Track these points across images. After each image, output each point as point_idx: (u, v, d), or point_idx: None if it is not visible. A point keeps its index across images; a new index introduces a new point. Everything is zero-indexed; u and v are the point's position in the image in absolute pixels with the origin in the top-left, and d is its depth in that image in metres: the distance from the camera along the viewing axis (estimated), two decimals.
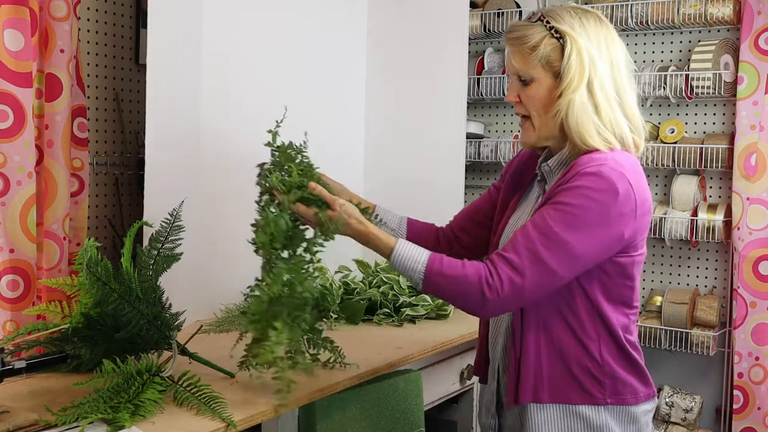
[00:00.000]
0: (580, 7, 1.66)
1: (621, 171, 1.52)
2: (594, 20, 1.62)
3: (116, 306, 1.68)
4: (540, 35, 1.60)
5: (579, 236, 1.50)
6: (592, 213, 1.50)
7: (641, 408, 1.64)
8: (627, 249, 1.57)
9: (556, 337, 1.60)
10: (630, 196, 1.52)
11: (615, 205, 1.50)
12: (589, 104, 1.57)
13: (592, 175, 1.51)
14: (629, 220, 1.53)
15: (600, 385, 1.60)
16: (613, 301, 1.60)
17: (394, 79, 3.04)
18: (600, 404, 1.60)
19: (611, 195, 1.50)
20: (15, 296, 2.18)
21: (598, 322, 1.59)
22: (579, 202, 1.50)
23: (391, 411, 1.97)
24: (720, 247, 3.32)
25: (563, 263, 1.51)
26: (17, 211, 2.17)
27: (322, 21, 2.80)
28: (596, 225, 1.50)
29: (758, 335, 3.08)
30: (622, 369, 1.61)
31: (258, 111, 2.54)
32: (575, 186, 1.52)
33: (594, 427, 1.60)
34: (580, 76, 1.56)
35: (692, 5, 3.18)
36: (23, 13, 2.15)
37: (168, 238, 1.86)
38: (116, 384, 1.57)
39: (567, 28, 1.58)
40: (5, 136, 2.14)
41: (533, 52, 1.59)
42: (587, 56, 1.57)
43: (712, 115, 3.32)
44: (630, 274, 1.61)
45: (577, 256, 1.51)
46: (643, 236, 1.61)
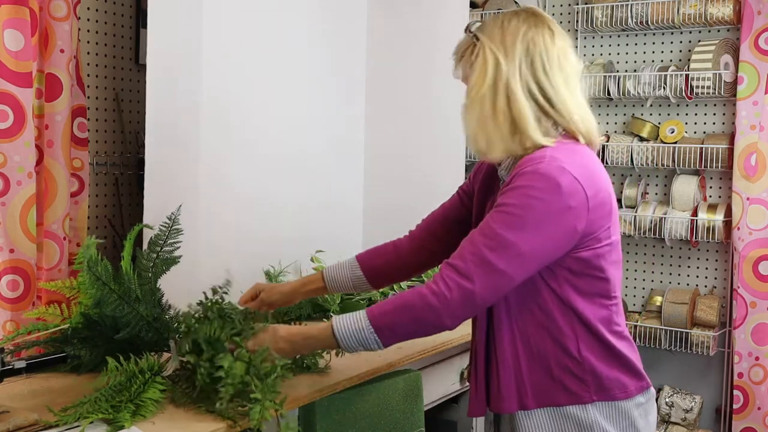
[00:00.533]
0: (514, 9, 1.65)
1: (561, 165, 1.49)
2: (518, 19, 1.59)
3: (116, 307, 1.68)
4: (465, 44, 1.64)
5: (523, 235, 1.48)
6: (534, 210, 1.48)
7: (633, 401, 1.60)
8: (588, 242, 1.53)
9: (533, 341, 1.58)
10: (576, 189, 1.48)
11: (559, 200, 1.47)
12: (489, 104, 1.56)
13: (531, 173, 1.49)
14: (580, 213, 1.49)
15: (583, 383, 1.57)
16: (587, 296, 1.56)
17: (394, 78, 3.04)
18: (586, 402, 1.57)
19: (553, 190, 1.47)
20: (15, 296, 2.19)
21: (573, 319, 1.56)
22: (519, 202, 1.49)
23: (391, 411, 1.97)
24: (720, 247, 3.32)
25: (511, 263, 1.49)
26: (17, 211, 2.17)
27: (322, 21, 2.80)
28: (541, 222, 1.48)
29: (758, 335, 3.08)
30: (605, 364, 1.58)
31: (258, 111, 2.55)
32: (515, 186, 1.50)
33: (584, 426, 1.57)
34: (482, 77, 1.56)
35: (692, 5, 3.18)
36: (23, 13, 2.15)
37: (167, 241, 1.86)
38: (118, 383, 1.57)
39: (485, 34, 1.59)
40: (5, 136, 2.14)
41: (461, 59, 1.65)
42: (491, 57, 1.56)
43: (712, 115, 3.32)
44: (599, 266, 1.56)
45: (525, 254, 1.48)
46: (605, 227, 1.55)
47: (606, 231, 1.55)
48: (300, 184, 2.70)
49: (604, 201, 1.54)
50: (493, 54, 1.56)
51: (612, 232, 1.57)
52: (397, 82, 3.04)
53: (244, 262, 2.48)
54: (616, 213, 1.59)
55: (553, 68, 1.57)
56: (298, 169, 2.69)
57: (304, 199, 2.72)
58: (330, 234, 2.81)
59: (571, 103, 1.58)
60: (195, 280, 2.29)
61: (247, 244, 2.50)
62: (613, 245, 1.58)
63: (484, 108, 1.56)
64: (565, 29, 3.69)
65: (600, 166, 1.59)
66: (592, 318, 1.56)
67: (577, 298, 1.56)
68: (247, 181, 2.50)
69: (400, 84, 3.04)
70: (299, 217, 2.70)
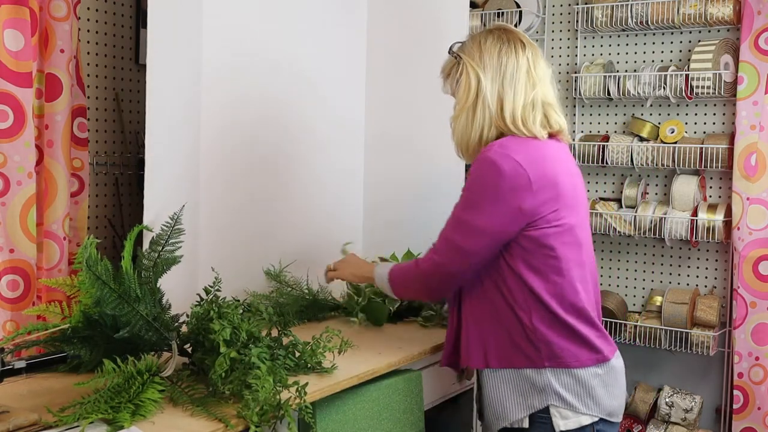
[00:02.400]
0: (489, 28, 1.91)
1: (505, 152, 1.74)
2: (493, 39, 1.86)
3: (116, 306, 1.68)
4: (450, 64, 1.92)
5: (475, 213, 1.76)
6: (481, 191, 1.76)
7: (589, 371, 1.77)
8: (536, 222, 1.74)
9: (495, 308, 1.81)
10: (519, 172, 1.72)
11: (502, 182, 1.72)
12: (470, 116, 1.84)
13: (480, 160, 1.77)
14: (524, 194, 1.72)
15: (537, 350, 1.77)
16: (538, 271, 1.76)
17: (394, 78, 3.04)
18: (539, 367, 1.77)
19: (496, 174, 1.73)
20: (15, 296, 2.19)
21: (526, 293, 1.76)
22: (471, 186, 1.79)
23: (391, 411, 1.97)
24: (720, 247, 3.32)
25: (467, 238, 1.78)
26: (17, 211, 2.17)
27: (322, 21, 2.80)
28: (488, 201, 1.74)
29: (758, 335, 3.08)
30: (556, 334, 1.76)
31: (258, 111, 2.55)
32: (470, 174, 1.80)
33: (538, 387, 1.77)
34: (466, 95, 1.84)
35: (692, 5, 3.18)
36: (23, 13, 2.15)
37: (168, 241, 1.86)
38: (117, 384, 1.57)
39: (465, 54, 1.87)
40: (5, 136, 2.14)
41: (448, 77, 1.94)
42: (473, 76, 1.84)
43: (712, 115, 3.32)
44: (548, 245, 1.75)
45: (479, 229, 1.76)
46: (552, 209, 1.75)
47: (554, 213, 1.75)
48: (300, 184, 2.70)
49: (548, 185, 1.74)
50: (474, 71, 1.84)
51: (562, 215, 1.77)
52: (397, 82, 3.04)
53: (244, 262, 2.48)
54: (569, 198, 1.79)
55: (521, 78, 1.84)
56: (298, 169, 2.69)
57: (304, 199, 2.72)
58: (330, 234, 2.81)
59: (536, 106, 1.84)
60: (195, 280, 2.29)
61: (247, 244, 2.50)
62: (564, 227, 1.77)
63: (468, 119, 1.84)
64: (565, 29, 3.71)
65: (556, 156, 1.81)
66: (543, 292, 1.76)
67: (528, 273, 1.76)
68: (247, 181, 2.50)
69: (400, 84, 3.04)
70: (299, 216, 2.70)
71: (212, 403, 1.61)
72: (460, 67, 1.86)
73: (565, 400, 1.76)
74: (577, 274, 1.79)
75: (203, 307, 1.80)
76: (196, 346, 1.79)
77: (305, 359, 1.86)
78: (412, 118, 3.04)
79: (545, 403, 1.76)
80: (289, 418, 1.59)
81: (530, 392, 1.78)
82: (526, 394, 1.79)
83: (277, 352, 1.82)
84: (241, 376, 1.63)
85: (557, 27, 3.62)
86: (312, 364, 1.86)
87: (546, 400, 1.76)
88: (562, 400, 1.76)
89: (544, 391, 1.77)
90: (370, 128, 3.02)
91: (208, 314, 1.76)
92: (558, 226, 1.76)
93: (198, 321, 1.78)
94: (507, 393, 1.81)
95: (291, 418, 1.59)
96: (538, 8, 3.59)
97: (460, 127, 1.86)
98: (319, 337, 1.91)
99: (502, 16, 3.56)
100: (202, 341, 1.76)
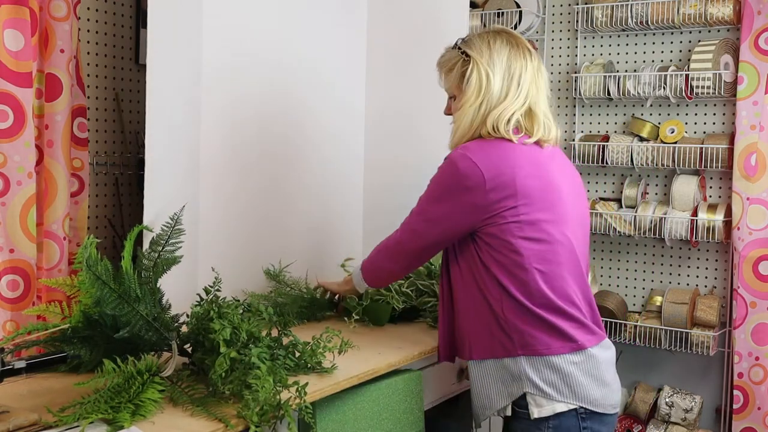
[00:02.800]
0: (495, 30, 1.95)
1: (463, 153, 1.85)
2: (502, 41, 1.91)
3: (116, 306, 1.68)
4: (455, 59, 1.95)
5: (431, 205, 1.91)
6: (438, 186, 1.90)
7: (564, 358, 1.82)
8: (493, 218, 1.83)
9: (475, 302, 1.89)
10: (474, 172, 1.82)
11: (457, 179, 1.85)
12: (475, 115, 1.89)
13: (445, 160, 1.90)
14: (478, 192, 1.82)
15: (509, 338, 1.84)
16: (503, 266, 1.84)
17: (394, 78, 3.03)
18: (514, 355, 1.83)
19: (452, 171, 1.86)
20: (15, 296, 2.19)
21: (495, 284, 1.84)
22: (433, 180, 1.94)
23: (391, 411, 1.97)
24: (720, 247, 3.32)
25: (423, 225, 1.94)
26: (17, 211, 2.17)
27: (321, 21, 2.80)
28: (443, 195, 1.88)
29: (758, 335, 3.08)
30: (527, 324, 1.82)
31: (258, 110, 2.55)
32: (437, 170, 1.93)
33: (515, 375, 1.84)
34: (477, 93, 1.89)
35: (692, 5, 3.18)
36: (23, 13, 2.15)
37: (168, 241, 1.86)
38: (117, 384, 1.57)
39: (474, 52, 1.91)
40: (5, 136, 2.14)
41: (450, 72, 1.96)
42: (484, 75, 1.88)
43: (712, 115, 3.32)
44: (507, 241, 1.83)
45: (433, 219, 1.91)
46: (509, 206, 1.82)
47: (512, 210, 1.82)
48: (300, 184, 2.70)
49: (502, 185, 1.82)
50: (485, 70, 1.89)
51: (522, 212, 1.83)
52: (397, 82, 3.04)
53: (244, 262, 2.48)
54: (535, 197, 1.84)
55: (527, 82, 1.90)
56: (298, 169, 2.69)
57: (304, 199, 2.72)
58: (330, 234, 2.81)
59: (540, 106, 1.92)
60: (195, 280, 2.29)
61: (246, 244, 2.50)
62: (523, 224, 1.83)
63: (474, 115, 1.89)
64: (565, 29, 3.71)
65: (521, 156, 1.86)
66: (510, 285, 1.83)
67: (495, 267, 1.84)
68: (247, 181, 2.50)
69: (400, 84, 3.04)
70: (299, 216, 2.70)
71: (212, 403, 1.61)
72: (471, 64, 1.91)
73: (538, 387, 1.80)
74: (542, 267, 1.83)
75: (203, 307, 1.80)
76: (196, 346, 1.79)
77: (305, 359, 1.86)
78: (412, 118, 3.03)
79: (522, 391, 1.82)
80: (289, 418, 1.59)
81: (509, 380, 1.84)
82: (506, 382, 1.85)
83: (277, 352, 1.82)
84: (241, 376, 1.63)
85: (557, 27, 3.62)
86: (312, 364, 1.86)
87: (522, 388, 1.82)
88: (536, 388, 1.80)
89: (520, 379, 1.82)
90: (370, 128, 3.02)
91: (208, 314, 1.76)
92: (515, 222, 1.82)
93: (198, 321, 1.78)
94: (491, 382, 1.88)
95: (291, 418, 1.59)
96: (538, 8, 3.59)
97: (466, 122, 1.91)
98: (319, 337, 1.91)
99: (502, 16, 3.56)
100: (202, 341, 1.76)
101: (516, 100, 1.89)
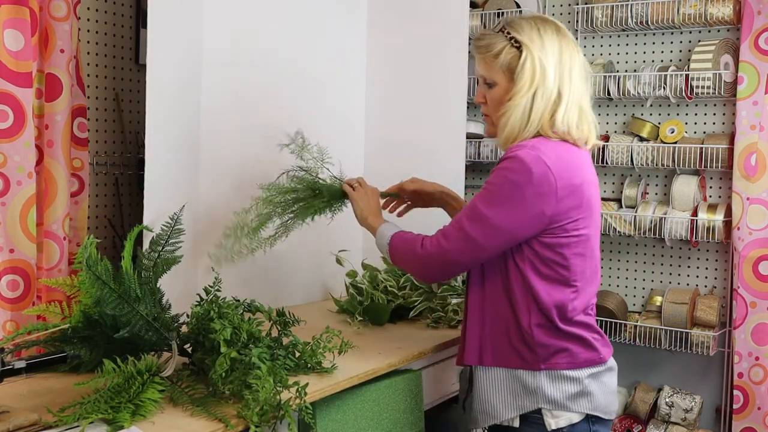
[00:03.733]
0: (540, 17, 1.82)
1: (538, 155, 1.69)
2: (551, 30, 1.79)
3: (116, 306, 1.68)
4: (501, 45, 1.79)
5: (497, 210, 1.71)
6: (507, 190, 1.70)
7: (584, 371, 1.77)
8: (554, 230, 1.72)
9: (497, 307, 1.79)
10: (548, 177, 1.68)
11: (530, 185, 1.68)
12: (528, 107, 1.75)
13: (511, 158, 1.71)
14: (549, 200, 1.68)
15: (532, 352, 1.76)
16: (547, 279, 1.74)
17: (394, 79, 3.04)
18: (535, 369, 1.76)
19: (526, 175, 1.68)
20: (15, 296, 2.19)
21: (529, 297, 1.74)
22: (497, 181, 1.72)
23: (391, 411, 1.97)
24: (720, 247, 3.32)
25: (482, 233, 1.72)
26: (17, 211, 2.17)
27: (322, 21, 2.80)
28: (513, 201, 1.69)
29: (758, 335, 3.08)
30: (554, 339, 1.75)
31: (258, 111, 2.55)
32: (497, 168, 1.74)
33: (529, 390, 1.77)
34: (530, 84, 1.74)
35: (692, 5, 3.18)
36: (23, 13, 2.15)
37: (168, 241, 1.86)
38: (117, 384, 1.57)
39: (525, 38, 1.76)
40: (5, 136, 2.14)
41: (496, 59, 1.79)
42: (539, 66, 1.74)
43: (712, 115, 3.32)
44: (561, 254, 1.73)
45: (497, 227, 1.71)
46: (572, 219, 1.72)
47: (573, 223, 1.73)
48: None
49: (572, 194, 1.71)
50: (539, 59, 1.75)
51: (581, 225, 1.74)
52: (397, 82, 3.04)
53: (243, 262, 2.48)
54: (591, 210, 1.77)
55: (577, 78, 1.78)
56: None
57: None
58: (330, 235, 2.81)
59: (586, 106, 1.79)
60: (195, 280, 2.30)
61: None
62: (580, 239, 1.75)
63: (527, 108, 1.75)
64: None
65: (584, 165, 1.78)
66: (547, 299, 1.74)
67: (536, 279, 1.74)
68: (247, 181, 2.50)
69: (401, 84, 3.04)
70: None
71: (212, 403, 1.62)
72: (523, 52, 1.75)
73: (555, 401, 1.75)
74: (581, 285, 1.77)
75: (203, 307, 1.80)
76: (196, 346, 1.79)
77: (305, 359, 1.86)
78: (412, 118, 3.03)
79: (536, 406, 1.76)
80: (290, 418, 1.59)
81: (521, 393, 1.77)
82: (516, 394, 1.78)
83: (277, 352, 1.82)
84: (242, 376, 1.63)
85: None
86: (312, 365, 1.86)
87: (536, 403, 1.76)
88: (553, 402, 1.76)
89: (535, 394, 1.76)
90: (370, 128, 3.02)
91: (208, 314, 1.76)
92: (575, 237, 1.73)
93: (198, 321, 1.78)
94: (497, 392, 1.80)
95: (291, 419, 1.59)
96: (538, 8, 3.58)
97: (517, 115, 1.75)
98: (319, 337, 1.91)
99: (502, 16, 3.55)
100: (202, 341, 1.76)
101: (570, 95, 1.76)
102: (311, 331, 2.01)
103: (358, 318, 2.45)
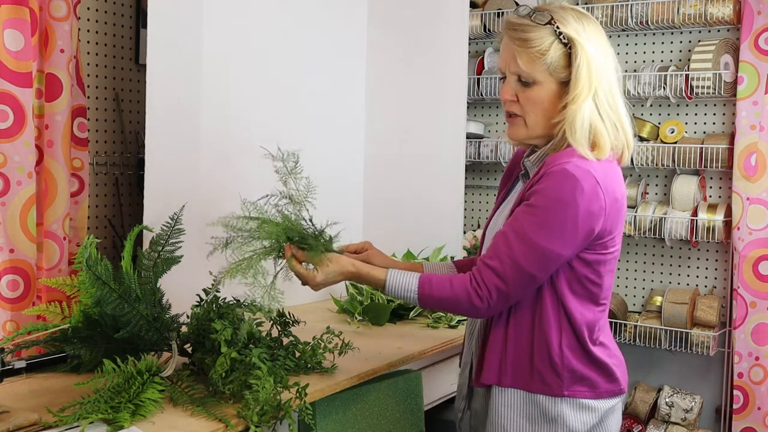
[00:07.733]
0: (578, 10, 1.66)
1: (587, 169, 1.55)
2: (593, 25, 1.64)
3: (116, 306, 1.68)
4: (549, 40, 1.59)
5: (551, 237, 1.55)
6: (560, 213, 1.54)
7: (603, 403, 1.67)
8: (594, 246, 1.60)
9: (523, 326, 1.65)
10: (597, 194, 1.55)
11: (582, 203, 1.54)
12: (594, 114, 1.59)
13: (558, 173, 1.55)
14: (599, 217, 1.56)
15: (558, 377, 1.63)
16: (579, 296, 1.63)
17: (394, 79, 3.04)
18: (557, 395, 1.63)
19: (577, 192, 1.53)
20: (15, 296, 2.18)
21: (562, 315, 1.63)
22: (548, 204, 1.56)
23: (391, 411, 1.97)
24: (720, 247, 3.32)
25: (541, 267, 1.58)
26: (17, 211, 2.17)
27: (322, 22, 2.80)
28: (566, 223, 1.55)
29: (758, 335, 3.08)
30: (583, 364, 1.64)
31: (258, 111, 2.55)
32: (544, 187, 1.56)
33: (549, 417, 1.64)
34: (588, 88, 1.58)
35: (692, 5, 3.18)
36: (23, 13, 2.15)
37: (168, 240, 1.86)
38: (117, 384, 1.57)
39: (574, 34, 1.59)
40: (5, 136, 2.14)
41: (542, 57, 1.59)
42: (595, 67, 1.58)
43: (712, 115, 3.32)
44: (597, 271, 1.63)
45: (552, 256, 1.57)
46: (612, 236, 1.62)
47: (612, 239, 1.63)
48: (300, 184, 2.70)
49: (618, 210, 1.61)
50: (597, 64, 1.58)
51: (617, 241, 1.65)
52: (397, 82, 3.04)
53: None
54: (623, 224, 1.67)
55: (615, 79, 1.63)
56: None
57: None
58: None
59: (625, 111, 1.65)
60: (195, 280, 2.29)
61: None
62: (614, 255, 1.66)
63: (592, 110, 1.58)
64: None
65: (621, 176, 1.66)
66: (579, 319, 1.63)
67: (570, 298, 1.62)
68: (247, 181, 2.50)
69: (401, 84, 3.04)
70: None
71: (212, 403, 1.62)
72: (578, 51, 1.57)
73: (575, 430, 1.65)
74: (606, 303, 1.69)
75: (203, 307, 1.80)
76: (196, 346, 1.79)
77: (305, 359, 1.86)
78: (412, 118, 3.04)
79: None
80: (290, 418, 1.59)
81: (539, 420, 1.65)
82: (534, 420, 1.66)
83: (278, 352, 1.82)
84: (242, 377, 1.63)
85: None
86: (312, 365, 1.86)
87: None
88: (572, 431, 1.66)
89: (555, 422, 1.64)
90: (371, 128, 3.02)
91: (209, 314, 1.76)
92: (611, 253, 1.64)
93: (198, 321, 1.78)
94: (513, 414, 1.67)
95: (291, 419, 1.59)
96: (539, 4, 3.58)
97: (580, 121, 1.57)
98: (319, 337, 1.91)
99: (502, 16, 3.55)
100: (202, 341, 1.76)
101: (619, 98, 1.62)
102: (311, 331, 2.01)
103: (358, 318, 2.46)
